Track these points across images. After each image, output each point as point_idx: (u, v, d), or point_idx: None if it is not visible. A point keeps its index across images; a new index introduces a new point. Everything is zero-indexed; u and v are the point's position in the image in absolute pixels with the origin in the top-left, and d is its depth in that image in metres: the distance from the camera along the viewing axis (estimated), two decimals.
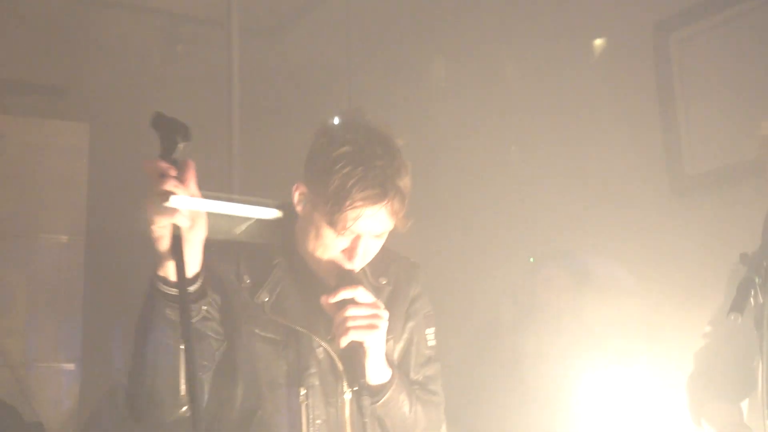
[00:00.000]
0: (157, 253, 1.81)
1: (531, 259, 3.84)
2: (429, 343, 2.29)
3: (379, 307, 2.06)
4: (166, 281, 1.83)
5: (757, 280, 2.01)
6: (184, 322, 1.69)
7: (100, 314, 4.30)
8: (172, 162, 1.74)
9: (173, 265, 1.78)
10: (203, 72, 5.11)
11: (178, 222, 1.75)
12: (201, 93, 5.06)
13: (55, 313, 4.06)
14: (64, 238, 4.09)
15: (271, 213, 2.31)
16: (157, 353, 1.88)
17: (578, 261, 3.85)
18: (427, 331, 2.29)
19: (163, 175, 1.73)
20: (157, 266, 1.84)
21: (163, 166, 1.73)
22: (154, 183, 1.73)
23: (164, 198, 1.72)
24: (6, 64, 4.63)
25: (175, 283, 1.81)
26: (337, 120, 2.17)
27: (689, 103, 3.90)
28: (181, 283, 1.74)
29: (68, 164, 4.15)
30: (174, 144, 1.74)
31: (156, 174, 1.74)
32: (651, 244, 3.72)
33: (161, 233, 1.76)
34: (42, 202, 4.08)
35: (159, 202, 1.73)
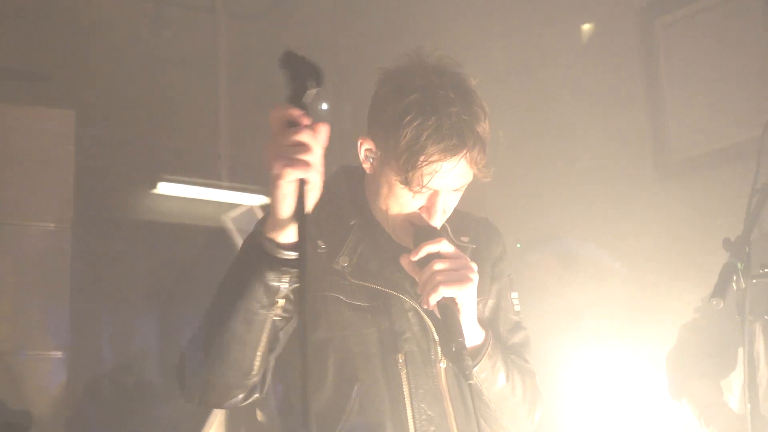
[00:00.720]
0: (276, 212, 1.60)
1: (518, 245, 3.86)
2: (515, 308, 2.08)
3: (466, 258, 1.85)
4: (277, 244, 1.64)
5: (739, 265, 2.02)
6: (302, 290, 1.46)
7: (87, 302, 4.30)
8: (302, 108, 1.52)
9: (292, 228, 1.61)
10: (190, 57, 5.09)
11: (310, 178, 1.53)
12: (188, 78, 5.05)
13: (43, 301, 4.04)
14: (50, 226, 4.07)
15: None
16: (244, 322, 1.72)
17: (564, 245, 3.87)
18: (513, 295, 2.08)
19: (295, 123, 1.53)
20: (270, 227, 1.64)
21: (296, 113, 1.52)
22: (284, 132, 1.52)
23: (298, 150, 1.52)
24: None
25: (291, 246, 1.63)
26: (400, 63, 1.90)
27: (675, 88, 3.92)
28: (302, 245, 1.52)
29: (54, 151, 4.12)
30: (304, 88, 1.50)
31: (285, 121, 1.53)
32: (636, 228, 3.75)
33: (287, 190, 1.56)
34: (28, 190, 4.06)
35: (291, 153, 1.52)
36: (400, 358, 1.88)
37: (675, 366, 2.95)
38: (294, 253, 1.64)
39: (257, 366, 1.79)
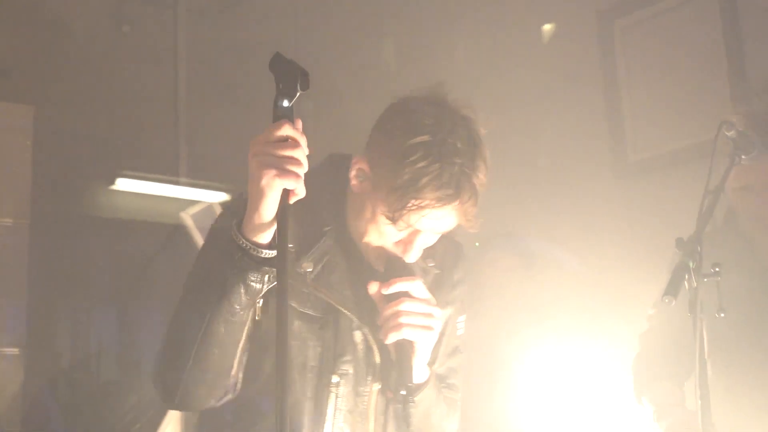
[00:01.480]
0: (257, 216, 1.64)
1: (476, 244, 3.88)
2: (458, 332, 2.10)
3: (434, 304, 1.86)
4: (258, 244, 1.67)
5: (691, 264, 2.06)
6: (281, 290, 1.50)
7: (44, 299, 4.26)
8: (290, 112, 1.60)
9: (271, 230, 1.65)
10: (150, 53, 5.06)
11: (298, 191, 1.61)
12: (148, 74, 5.01)
13: None
14: (8, 221, 4.03)
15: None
16: (224, 323, 1.71)
17: (523, 243, 3.89)
18: (459, 319, 2.10)
19: (288, 138, 1.60)
20: (249, 229, 1.67)
21: (292, 129, 1.60)
22: (279, 144, 1.60)
23: (290, 162, 1.59)
24: None
25: (268, 246, 1.67)
26: (417, 95, 1.90)
27: (632, 89, 3.96)
28: (282, 249, 1.55)
29: (12, 147, 4.09)
30: (294, 91, 1.59)
31: (279, 133, 1.60)
32: (594, 226, 3.78)
33: (273, 197, 1.61)
34: None
35: (283, 164, 1.58)
36: (334, 378, 1.89)
37: (638, 371, 2.98)
38: (273, 252, 1.67)
39: (236, 366, 1.79)
